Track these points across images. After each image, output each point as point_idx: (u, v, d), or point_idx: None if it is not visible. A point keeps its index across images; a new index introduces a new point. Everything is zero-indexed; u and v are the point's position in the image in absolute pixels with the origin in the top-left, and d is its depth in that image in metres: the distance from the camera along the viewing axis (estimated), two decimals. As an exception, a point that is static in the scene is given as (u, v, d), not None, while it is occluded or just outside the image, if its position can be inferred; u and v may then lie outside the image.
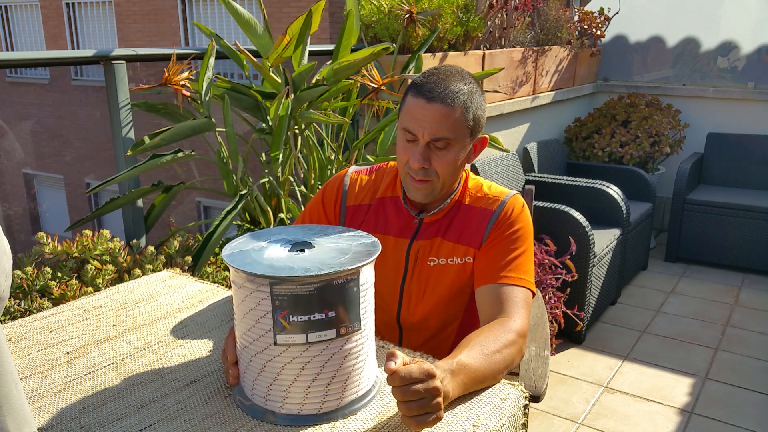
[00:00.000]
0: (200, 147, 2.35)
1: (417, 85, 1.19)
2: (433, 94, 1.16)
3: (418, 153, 1.18)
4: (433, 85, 1.17)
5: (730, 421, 2.42)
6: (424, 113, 1.17)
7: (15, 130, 10.08)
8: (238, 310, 0.92)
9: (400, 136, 1.22)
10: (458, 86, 1.18)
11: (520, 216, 1.26)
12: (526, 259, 1.23)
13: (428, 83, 1.18)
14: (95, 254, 1.78)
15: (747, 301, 3.51)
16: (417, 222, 1.29)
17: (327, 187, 1.37)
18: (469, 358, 0.98)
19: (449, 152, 1.19)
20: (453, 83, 1.18)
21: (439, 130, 1.16)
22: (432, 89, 1.17)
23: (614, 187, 3.36)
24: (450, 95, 1.16)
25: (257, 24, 2.09)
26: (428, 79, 1.19)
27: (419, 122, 1.17)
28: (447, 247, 1.27)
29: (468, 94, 1.18)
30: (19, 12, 11.36)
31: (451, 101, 1.16)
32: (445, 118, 1.16)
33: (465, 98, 1.18)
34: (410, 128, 1.18)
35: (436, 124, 1.16)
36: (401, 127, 1.21)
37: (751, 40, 4.31)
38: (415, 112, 1.18)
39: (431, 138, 1.17)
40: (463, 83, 1.19)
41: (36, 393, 1.00)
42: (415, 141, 1.19)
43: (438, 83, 1.17)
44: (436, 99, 1.16)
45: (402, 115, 1.21)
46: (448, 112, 1.16)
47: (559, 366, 2.84)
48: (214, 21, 9.06)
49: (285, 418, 0.91)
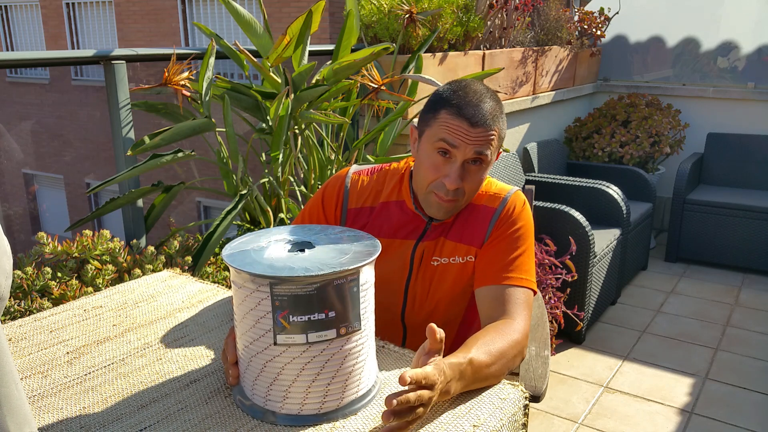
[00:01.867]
0: (200, 147, 2.35)
1: (455, 105, 1.17)
2: (477, 119, 1.15)
3: (455, 174, 1.16)
4: (474, 110, 1.15)
5: (730, 421, 2.42)
6: (467, 136, 1.15)
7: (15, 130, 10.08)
8: (238, 310, 0.92)
9: (431, 149, 1.19)
10: (492, 106, 1.17)
11: (521, 214, 1.26)
12: (527, 258, 1.23)
13: (468, 105, 1.16)
14: (95, 254, 1.78)
15: (747, 301, 3.51)
16: (426, 226, 1.28)
17: (327, 187, 1.35)
18: (478, 359, 0.99)
19: (481, 171, 1.19)
20: (488, 104, 1.17)
21: (481, 149, 1.16)
22: (474, 114, 1.15)
23: (614, 187, 3.36)
24: (490, 118, 1.16)
25: (257, 24, 2.09)
26: (466, 101, 1.16)
27: (463, 139, 1.15)
28: (449, 246, 1.27)
29: (499, 113, 1.19)
30: (19, 12, 11.37)
31: (492, 123, 1.16)
32: (486, 139, 1.16)
33: (499, 117, 1.18)
34: (451, 141, 1.15)
35: (479, 146, 1.16)
36: (436, 137, 1.17)
37: (751, 40, 4.31)
38: (458, 133, 1.16)
39: (474, 154, 1.16)
40: (494, 102, 1.19)
41: (36, 393, 1.00)
42: (449, 159, 1.17)
43: (479, 107, 1.16)
44: (479, 124, 1.15)
45: (436, 129, 1.18)
46: (489, 134, 1.16)
47: (559, 366, 2.84)
48: (214, 21, 9.06)
49: (285, 418, 0.91)
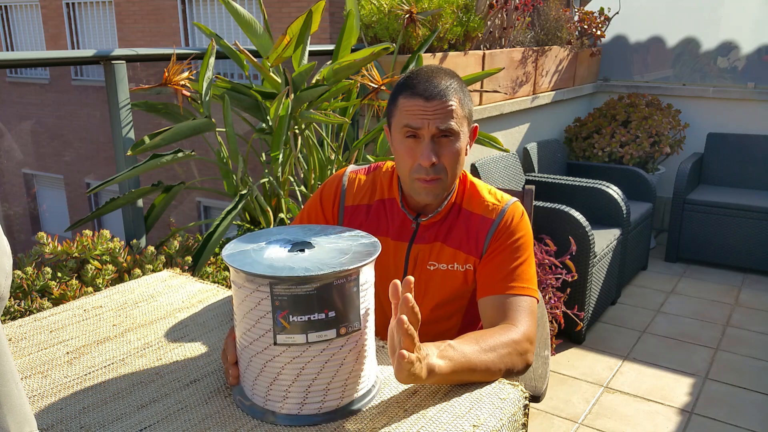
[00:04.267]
0: (200, 147, 2.35)
1: (408, 86, 1.19)
2: (430, 92, 1.17)
3: (426, 149, 1.17)
4: (426, 84, 1.18)
5: (730, 421, 2.42)
6: (425, 111, 1.17)
7: (15, 130, 10.08)
8: (238, 310, 0.92)
9: (400, 136, 1.21)
10: (448, 80, 1.20)
11: (519, 225, 1.26)
12: (528, 266, 1.23)
13: (420, 83, 1.18)
14: (95, 254, 1.78)
15: (747, 301, 3.51)
16: (414, 226, 1.29)
17: (325, 186, 1.37)
18: (462, 344, 1.00)
19: (453, 144, 1.20)
20: (442, 79, 1.19)
21: (443, 122, 1.17)
22: (427, 88, 1.17)
23: (614, 187, 3.36)
24: (446, 90, 1.18)
25: (257, 24, 2.09)
26: (419, 79, 1.19)
27: (422, 117, 1.17)
28: (448, 253, 1.27)
29: (459, 86, 1.21)
30: (19, 12, 11.36)
31: (448, 95, 1.18)
32: (447, 111, 1.17)
33: (458, 90, 1.20)
34: (412, 123, 1.18)
35: (440, 118, 1.17)
36: (400, 125, 1.20)
37: (751, 40, 4.31)
38: (415, 111, 1.18)
39: (438, 128, 1.17)
40: (450, 77, 1.21)
41: (36, 393, 1.00)
42: (417, 138, 1.19)
43: (431, 81, 1.18)
44: (434, 96, 1.17)
45: (397, 118, 1.21)
46: (448, 104, 1.17)
47: (559, 366, 2.84)
48: (214, 21, 9.06)
49: (285, 418, 0.91)
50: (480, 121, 3.21)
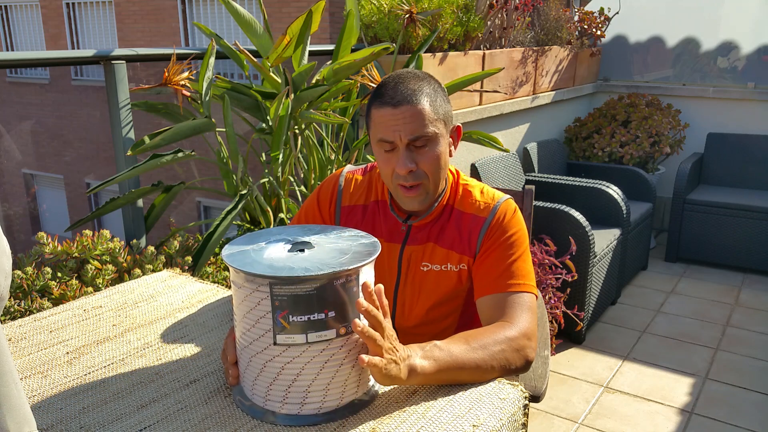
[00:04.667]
0: (200, 147, 2.34)
1: (377, 95, 1.19)
2: (397, 99, 1.15)
3: (402, 158, 1.17)
4: (393, 91, 1.16)
5: (730, 421, 2.42)
6: (394, 119, 1.16)
7: (15, 130, 10.08)
8: (237, 310, 0.92)
9: (378, 150, 1.20)
10: (416, 84, 1.18)
11: (512, 221, 1.25)
12: (523, 263, 1.23)
13: (387, 91, 1.17)
14: (95, 254, 1.78)
15: (747, 301, 3.51)
16: (404, 229, 1.29)
17: (322, 186, 1.37)
18: (449, 343, 1.00)
19: (431, 148, 1.18)
20: (410, 83, 1.18)
21: (415, 130, 1.16)
22: (393, 95, 1.16)
23: (614, 187, 3.36)
24: (413, 94, 1.16)
25: (257, 24, 2.09)
26: (386, 88, 1.18)
27: (393, 128, 1.16)
28: (440, 253, 1.27)
29: (428, 88, 1.18)
30: (19, 12, 11.36)
31: (416, 99, 1.16)
32: (416, 116, 1.15)
33: (427, 92, 1.18)
34: (385, 137, 1.17)
35: (410, 125, 1.15)
36: (375, 140, 1.20)
37: (751, 40, 4.31)
38: (385, 121, 1.17)
39: (410, 139, 1.16)
40: (419, 80, 1.19)
41: (36, 393, 1.00)
42: (394, 149, 1.18)
43: (396, 88, 1.17)
44: (401, 102, 1.15)
45: (373, 129, 1.20)
46: (417, 110, 1.15)
47: (559, 366, 2.84)
48: (214, 21, 9.06)
49: (285, 418, 0.91)
50: (480, 121, 3.21)
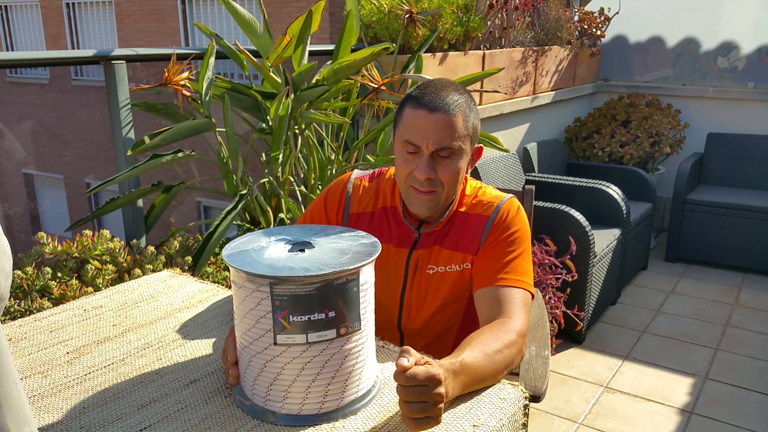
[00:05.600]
0: (200, 147, 2.34)
1: (415, 97, 1.19)
2: (434, 105, 1.17)
3: (423, 164, 1.18)
4: (432, 96, 1.18)
5: (730, 421, 2.42)
6: (426, 123, 1.17)
7: (15, 130, 10.08)
8: (238, 310, 0.92)
9: (400, 149, 1.21)
10: (456, 96, 1.19)
11: (515, 219, 1.26)
12: (523, 260, 1.24)
13: (427, 95, 1.18)
14: (95, 254, 1.78)
15: (747, 301, 3.51)
16: (416, 236, 1.30)
17: (329, 191, 1.37)
18: (472, 358, 0.98)
19: (453, 161, 1.20)
20: (451, 94, 1.19)
21: (443, 140, 1.17)
22: (432, 100, 1.17)
23: (614, 187, 3.36)
24: (450, 104, 1.17)
25: (257, 24, 2.09)
26: (426, 91, 1.19)
27: (422, 133, 1.17)
28: (445, 254, 1.28)
29: (465, 103, 1.20)
30: (19, 12, 11.36)
31: (452, 110, 1.17)
32: (448, 126, 1.17)
33: (464, 107, 1.19)
34: (413, 140, 1.18)
35: (439, 134, 1.17)
36: (401, 139, 1.20)
37: (751, 40, 4.31)
38: (417, 123, 1.17)
39: (436, 148, 1.17)
40: (459, 93, 1.20)
41: (36, 393, 1.00)
42: (418, 152, 1.19)
43: (437, 94, 1.18)
44: (437, 109, 1.16)
45: (401, 128, 1.21)
46: (451, 121, 1.17)
47: (559, 366, 2.84)
48: (214, 21, 9.06)
49: (285, 418, 0.91)
50: (480, 121, 3.21)
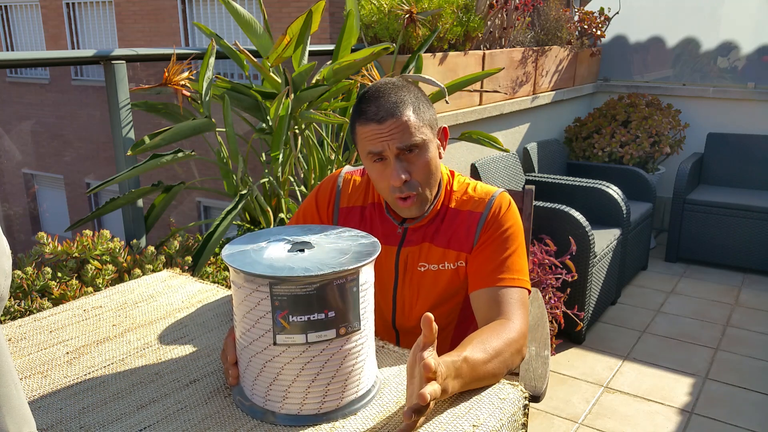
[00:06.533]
0: (200, 147, 2.34)
1: (360, 112, 1.18)
2: (380, 114, 1.15)
3: (394, 169, 1.17)
4: (375, 107, 1.16)
5: (730, 421, 2.42)
6: (380, 134, 1.16)
7: (15, 130, 10.08)
8: (237, 310, 0.92)
9: (369, 164, 1.21)
10: (397, 96, 1.17)
11: (507, 214, 1.26)
12: (518, 257, 1.23)
13: (370, 107, 1.17)
14: (95, 254, 1.78)
15: (747, 301, 3.51)
16: (401, 231, 1.29)
17: (321, 187, 1.38)
18: (473, 356, 0.99)
19: (422, 155, 1.19)
20: (391, 96, 1.17)
21: (402, 139, 1.16)
22: (376, 111, 1.16)
23: (614, 187, 3.36)
24: (395, 107, 1.16)
25: (257, 24, 2.09)
26: (368, 104, 1.18)
27: (380, 142, 1.16)
28: (437, 252, 1.27)
29: (409, 97, 1.18)
30: (19, 12, 11.36)
31: (399, 111, 1.16)
32: (402, 127, 1.16)
33: (409, 101, 1.18)
34: (374, 149, 1.17)
35: (397, 137, 1.16)
36: (365, 154, 1.20)
37: (751, 40, 4.31)
38: (372, 137, 1.17)
39: (399, 147, 1.16)
40: (400, 91, 1.18)
41: (36, 393, 1.00)
42: (384, 159, 1.18)
43: (378, 102, 1.17)
44: (385, 117, 1.15)
45: (360, 145, 1.20)
46: (402, 121, 1.16)
47: (559, 366, 2.84)
48: (214, 21, 9.06)
49: (285, 418, 0.91)
50: (480, 121, 3.21)
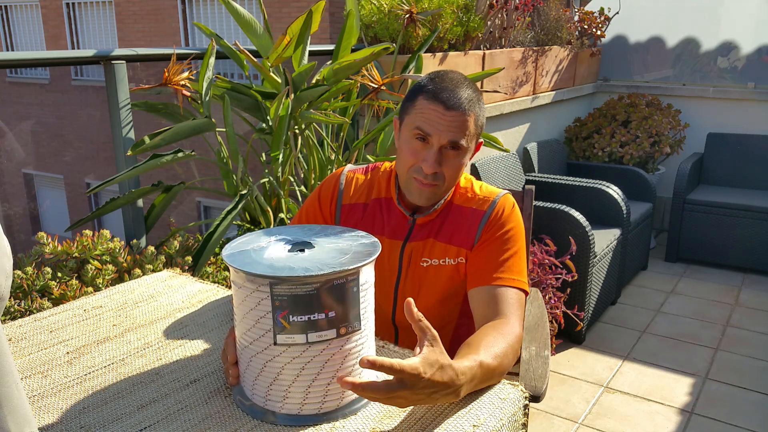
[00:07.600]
0: (200, 147, 2.35)
1: (431, 90, 1.19)
2: (452, 102, 1.17)
3: (432, 158, 1.18)
4: (449, 93, 1.18)
5: (730, 421, 2.42)
6: (442, 119, 1.17)
7: (15, 130, 10.08)
8: (238, 310, 0.92)
9: (409, 135, 1.21)
10: (469, 93, 1.20)
11: (510, 216, 1.27)
12: (518, 259, 1.24)
13: (444, 90, 1.18)
14: (95, 254, 1.78)
15: (747, 301, 3.51)
16: (410, 223, 1.29)
17: (323, 185, 1.38)
18: (487, 360, 0.99)
19: (459, 158, 1.21)
20: (465, 90, 1.19)
21: (455, 136, 1.18)
22: (449, 97, 1.17)
23: (614, 187, 3.36)
24: (465, 103, 1.18)
25: (257, 24, 2.09)
26: (442, 86, 1.19)
27: (436, 126, 1.18)
28: (439, 247, 1.28)
29: (477, 100, 1.21)
30: (19, 12, 11.36)
31: (467, 109, 1.18)
32: (461, 125, 1.18)
33: (476, 105, 1.20)
34: (425, 128, 1.18)
35: (453, 131, 1.18)
36: (413, 125, 1.20)
37: (751, 40, 4.31)
38: (432, 117, 1.18)
39: (447, 142, 1.18)
40: (471, 90, 1.21)
41: (36, 393, 1.00)
42: (427, 144, 1.19)
43: (454, 92, 1.18)
44: (454, 107, 1.17)
45: (414, 115, 1.21)
46: (465, 120, 1.18)
47: (559, 366, 2.84)
48: (214, 21, 9.06)
49: (285, 418, 0.91)
50: (480, 121, 3.21)
